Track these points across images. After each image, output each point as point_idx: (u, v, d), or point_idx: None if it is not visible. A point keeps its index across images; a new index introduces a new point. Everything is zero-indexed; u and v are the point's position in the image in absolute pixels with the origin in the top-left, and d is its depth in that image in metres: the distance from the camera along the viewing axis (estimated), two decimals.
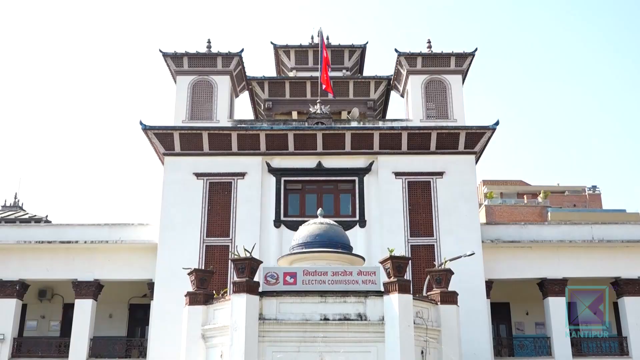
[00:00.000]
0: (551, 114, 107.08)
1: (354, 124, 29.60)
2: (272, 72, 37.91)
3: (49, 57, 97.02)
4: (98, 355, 27.67)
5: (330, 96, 31.44)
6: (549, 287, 28.24)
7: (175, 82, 30.73)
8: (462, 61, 30.63)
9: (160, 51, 30.46)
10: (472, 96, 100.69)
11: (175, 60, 30.57)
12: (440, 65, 30.66)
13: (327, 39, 36.16)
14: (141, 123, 28.94)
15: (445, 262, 22.74)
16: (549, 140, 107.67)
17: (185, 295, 21.37)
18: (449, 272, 21.80)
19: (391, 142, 29.01)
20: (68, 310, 29.62)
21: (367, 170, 29.07)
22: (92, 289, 28.11)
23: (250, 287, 19.34)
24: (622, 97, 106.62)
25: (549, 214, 52.88)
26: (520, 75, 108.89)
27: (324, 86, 30.38)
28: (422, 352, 19.55)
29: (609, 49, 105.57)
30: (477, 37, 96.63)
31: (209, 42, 31.19)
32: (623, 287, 28.31)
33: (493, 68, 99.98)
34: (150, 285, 27.74)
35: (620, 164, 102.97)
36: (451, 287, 21.48)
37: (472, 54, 30.58)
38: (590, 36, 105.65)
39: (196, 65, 30.63)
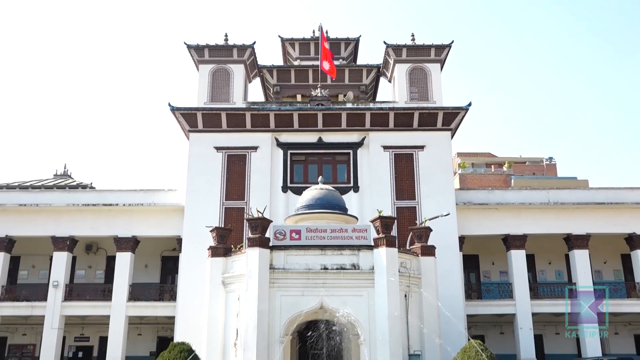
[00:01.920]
0: (516, 96, 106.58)
1: (349, 105, 29.51)
2: (279, 61, 37.62)
3: (90, 51, 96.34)
4: (136, 298, 28.03)
5: (330, 80, 31.16)
6: (511, 241, 28.46)
7: (197, 69, 30.49)
8: (440, 51, 30.38)
9: (185, 43, 30.20)
10: (449, 81, 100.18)
11: (198, 51, 30.32)
12: (422, 55, 30.44)
13: (327, 32, 35.76)
14: (169, 105, 28.84)
15: (425, 221, 22.86)
16: (513, 118, 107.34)
17: (208, 249, 21.59)
18: (428, 230, 21.96)
19: (380, 121, 28.94)
20: (110, 262, 29.88)
21: (360, 144, 29.04)
22: (130, 243, 28.40)
23: (262, 242, 19.56)
24: (576, 82, 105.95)
25: (512, 180, 52.86)
26: (491, 62, 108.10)
27: (331, 77, 30.03)
28: (405, 296, 19.80)
29: (567, 41, 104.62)
30: (457, 29, 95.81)
31: (226, 35, 30.88)
32: (573, 241, 28.49)
33: (468, 56, 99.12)
34: (179, 240, 27.95)
35: (573, 138, 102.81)
36: (430, 242, 21.66)
37: (449, 45, 30.29)
38: (546, 24, 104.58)
39: (215, 55, 30.39)
